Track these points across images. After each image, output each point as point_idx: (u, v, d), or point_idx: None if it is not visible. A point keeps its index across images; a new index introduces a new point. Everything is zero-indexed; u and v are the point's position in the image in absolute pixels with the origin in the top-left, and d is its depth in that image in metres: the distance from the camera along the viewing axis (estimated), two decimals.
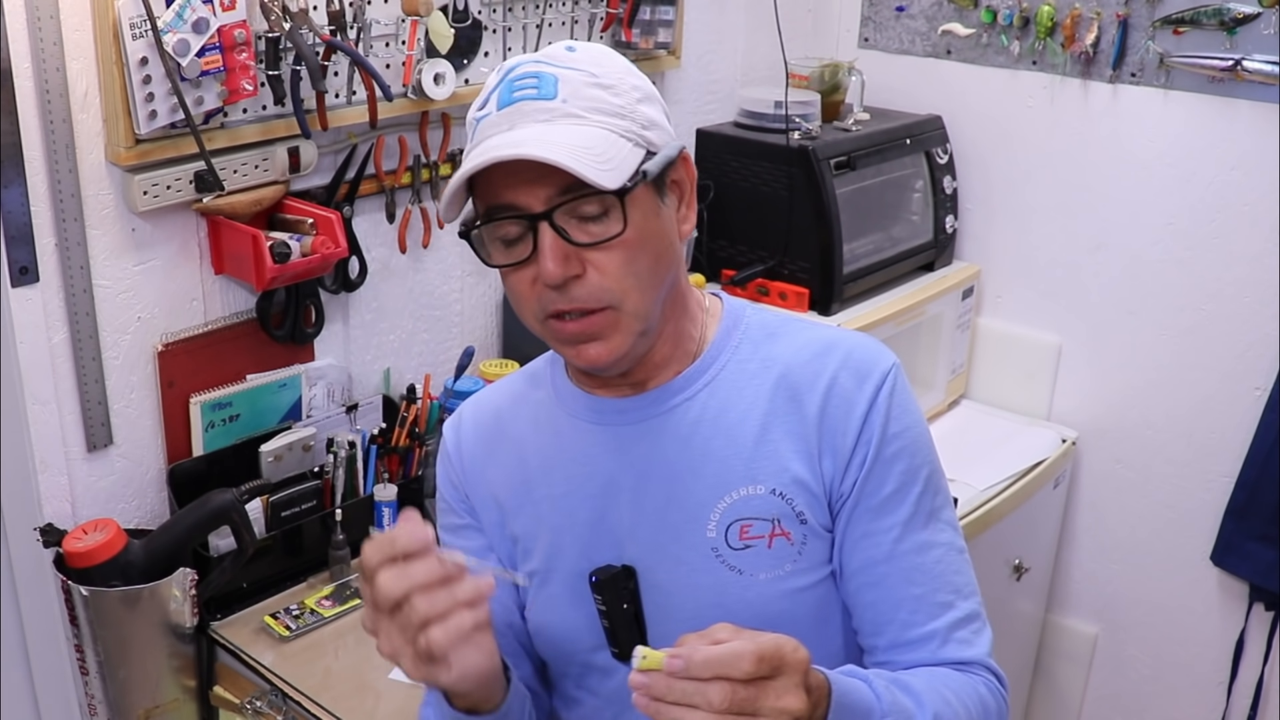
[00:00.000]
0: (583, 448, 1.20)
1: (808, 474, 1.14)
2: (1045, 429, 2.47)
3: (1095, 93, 2.33)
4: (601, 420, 1.19)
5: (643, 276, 1.08)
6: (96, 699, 1.65)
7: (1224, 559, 2.33)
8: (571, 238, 1.06)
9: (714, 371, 1.18)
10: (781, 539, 1.13)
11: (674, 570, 1.16)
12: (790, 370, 1.16)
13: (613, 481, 1.18)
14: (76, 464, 1.73)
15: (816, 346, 1.17)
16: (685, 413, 1.17)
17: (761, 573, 1.14)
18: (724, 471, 1.15)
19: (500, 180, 1.06)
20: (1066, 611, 2.62)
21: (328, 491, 1.87)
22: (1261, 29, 2.10)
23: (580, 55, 1.09)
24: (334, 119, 1.81)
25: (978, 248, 2.56)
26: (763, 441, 1.14)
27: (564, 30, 2.12)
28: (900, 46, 2.57)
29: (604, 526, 1.19)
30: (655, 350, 1.16)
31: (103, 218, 1.67)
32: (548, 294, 1.07)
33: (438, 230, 2.09)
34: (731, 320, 1.21)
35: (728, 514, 1.14)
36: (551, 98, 1.06)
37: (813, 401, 1.14)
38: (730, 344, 1.19)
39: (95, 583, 1.58)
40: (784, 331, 1.20)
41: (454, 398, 2.02)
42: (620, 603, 1.16)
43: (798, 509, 1.14)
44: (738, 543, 1.14)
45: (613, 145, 1.05)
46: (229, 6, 1.62)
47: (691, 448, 1.16)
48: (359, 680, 1.64)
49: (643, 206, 1.08)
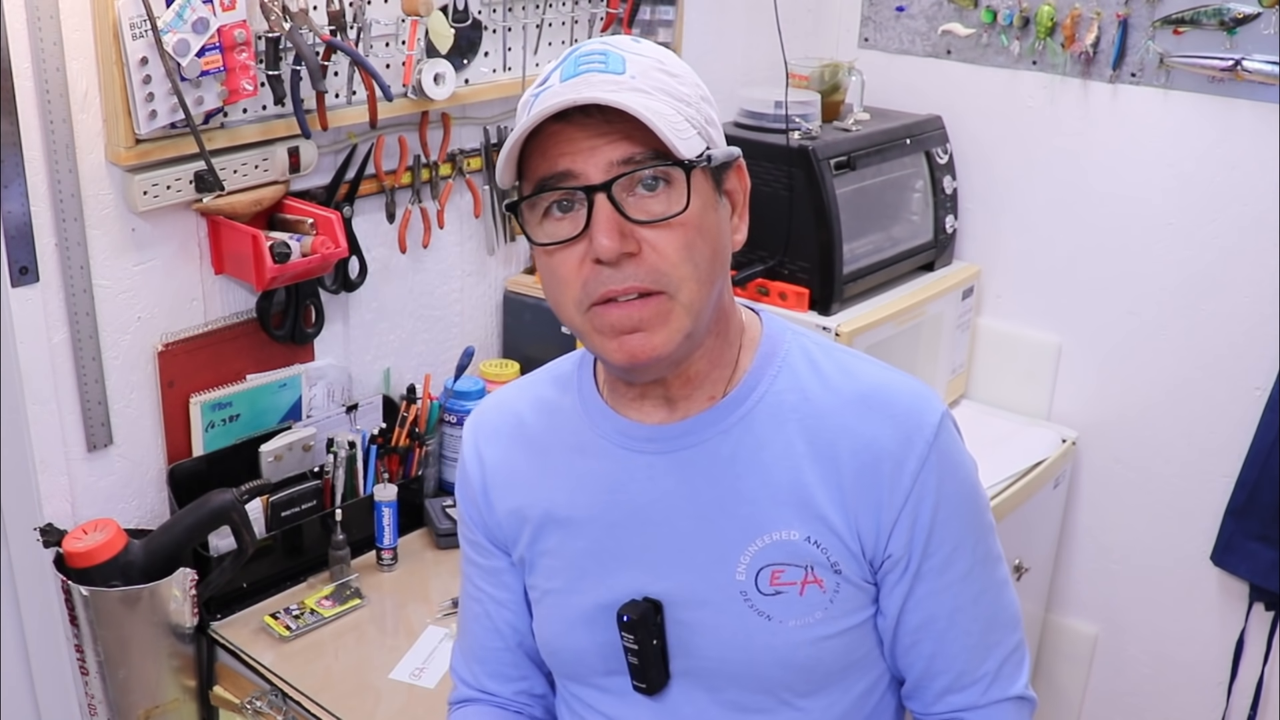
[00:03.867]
0: (609, 472, 1.14)
1: (842, 525, 1.09)
2: (1045, 429, 2.47)
3: (1095, 93, 2.33)
4: (631, 446, 1.14)
5: (700, 266, 1.02)
6: (96, 699, 1.65)
7: (1224, 559, 2.33)
8: (629, 213, 1.00)
9: (750, 404, 1.12)
10: (814, 586, 1.10)
11: (699, 610, 1.12)
12: (828, 415, 1.10)
13: (639, 510, 1.13)
14: (76, 464, 1.73)
15: (858, 392, 1.11)
16: (718, 447, 1.11)
17: (791, 620, 1.10)
18: (756, 513, 1.10)
19: (556, 147, 1.00)
20: (1066, 611, 2.62)
21: (328, 491, 1.87)
22: (1261, 29, 2.09)
23: (646, 45, 1.06)
24: (334, 119, 1.81)
25: (978, 248, 2.56)
26: (798, 485, 1.09)
27: (564, 30, 2.13)
28: (900, 46, 2.57)
29: (627, 556, 1.14)
30: (693, 363, 1.10)
31: (103, 218, 1.67)
32: (598, 274, 1.00)
33: (438, 230, 2.09)
34: (770, 346, 1.14)
35: (759, 558, 1.10)
36: (620, 72, 1.01)
37: (849, 456, 1.09)
38: (768, 373, 1.13)
39: (95, 583, 1.58)
40: (826, 363, 1.14)
41: (454, 398, 2.02)
42: (650, 639, 1.13)
43: (832, 559, 1.10)
44: (768, 588, 1.10)
45: (680, 123, 1.01)
46: (229, 6, 1.62)
47: (722, 485, 1.11)
48: (359, 680, 1.64)
49: (704, 195, 1.03)
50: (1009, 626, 1.17)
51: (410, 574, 1.89)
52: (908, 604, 1.12)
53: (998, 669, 1.15)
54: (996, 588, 1.16)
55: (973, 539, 1.13)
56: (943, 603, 1.12)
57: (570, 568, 1.17)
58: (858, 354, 1.18)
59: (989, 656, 1.15)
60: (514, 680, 1.27)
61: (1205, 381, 2.31)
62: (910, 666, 1.16)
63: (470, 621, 1.28)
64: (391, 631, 1.77)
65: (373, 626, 1.76)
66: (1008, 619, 1.17)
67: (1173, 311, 2.32)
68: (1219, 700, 2.42)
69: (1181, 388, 2.34)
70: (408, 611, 1.82)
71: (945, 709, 1.16)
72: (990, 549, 1.16)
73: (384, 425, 1.95)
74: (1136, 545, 2.48)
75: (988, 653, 1.15)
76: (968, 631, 1.14)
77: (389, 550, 1.89)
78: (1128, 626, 2.53)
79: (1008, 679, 1.16)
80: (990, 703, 1.15)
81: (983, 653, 1.15)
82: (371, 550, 1.89)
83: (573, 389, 1.20)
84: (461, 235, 2.14)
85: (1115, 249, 2.37)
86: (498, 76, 2.05)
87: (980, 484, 1.17)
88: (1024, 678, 1.18)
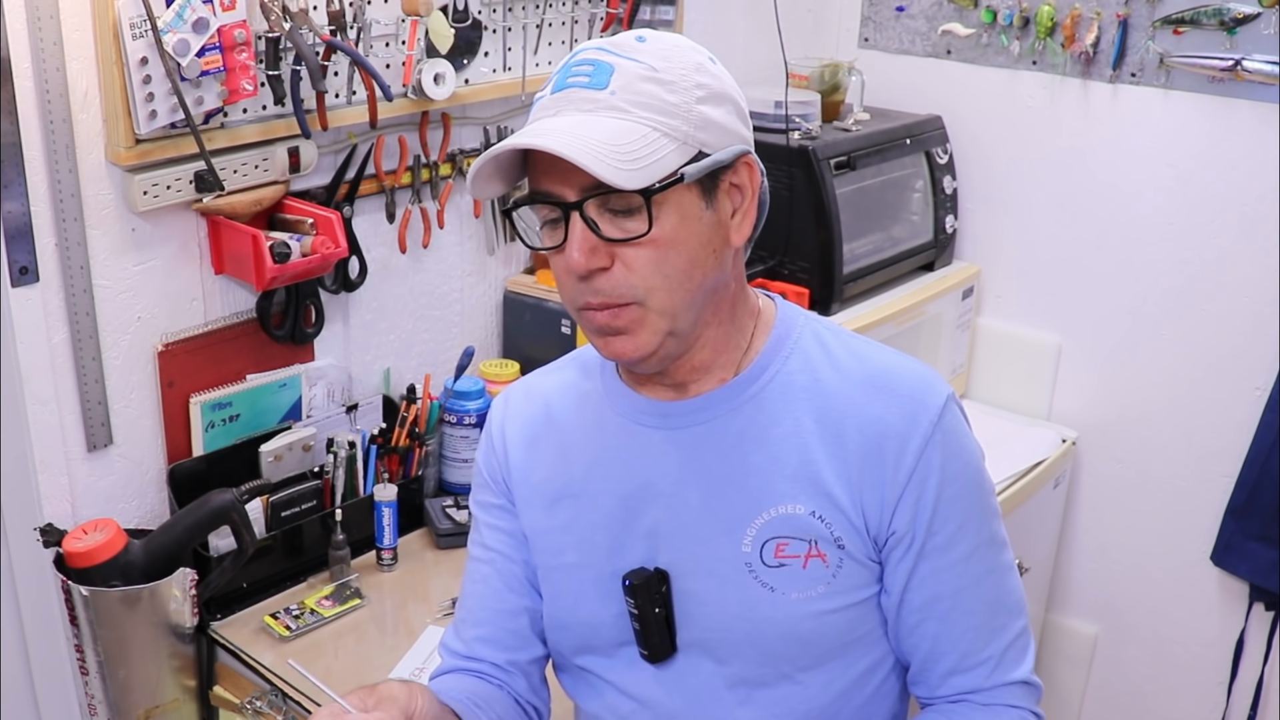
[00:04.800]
0: (625, 446, 1.19)
1: (847, 502, 1.12)
2: (1045, 429, 2.47)
3: (1095, 93, 2.33)
4: (645, 421, 1.18)
5: (672, 277, 1.06)
6: (96, 699, 1.65)
7: (1224, 559, 2.33)
8: (601, 231, 1.05)
9: (761, 383, 1.15)
10: (817, 560, 1.13)
11: (705, 580, 1.16)
12: (837, 395, 1.14)
13: (650, 484, 1.17)
14: (76, 464, 1.73)
15: (866, 374, 1.15)
16: (729, 423, 1.15)
17: (794, 592, 1.13)
18: (763, 487, 1.13)
19: (540, 165, 1.06)
20: (1066, 611, 2.62)
21: (328, 491, 1.87)
22: (1261, 29, 2.10)
23: (648, 47, 1.07)
24: (334, 119, 1.81)
25: (978, 248, 2.56)
26: (805, 462, 1.13)
27: (564, 30, 2.13)
28: (900, 46, 2.57)
29: (638, 528, 1.18)
30: (693, 354, 1.14)
31: (103, 218, 1.67)
32: (577, 284, 1.08)
33: (438, 230, 2.09)
34: (784, 329, 1.18)
35: (764, 530, 1.13)
36: (601, 88, 1.05)
37: (856, 434, 1.12)
38: (780, 354, 1.16)
39: (95, 583, 1.58)
40: (837, 346, 1.17)
41: (454, 398, 2.02)
42: (652, 606, 1.16)
43: (835, 534, 1.12)
44: (772, 560, 1.13)
45: (650, 144, 1.03)
46: (229, 6, 1.62)
47: (731, 460, 1.14)
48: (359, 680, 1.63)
49: (680, 208, 1.06)
50: (1013, 612, 1.18)
51: (410, 574, 1.89)
52: (911, 581, 1.14)
53: (1002, 653, 1.16)
54: (1001, 571, 1.17)
55: (977, 521, 1.15)
56: (946, 581, 1.14)
57: (583, 541, 1.21)
58: (868, 340, 1.20)
59: (993, 640, 1.16)
60: (510, 649, 1.28)
61: (1205, 381, 2.31)
62: (915, 648, 1.17)
63: (475, 585, 1.30)
64: (391, 631, 1.77)
65: (373, 626, 1.76)
66: (1012, 604, 1.18)
67: (1173, 311, 2.32)
68: (1219, 700, 2.42)
69: (1181, 388, 2.34)
70: (408, 611, 1.82)
71: (950, 691, 1.17)
72: (995, 533, 1.17)
73: (384, 425, 1.95)
74: (1136, 545, 2.48)
75: (992, 635, 1.16)
76: (971, 612, 1.15)
77: (389, 550, 1.89)
78: (1128, 626, 2.53)
79: (1012, 663, 1.17)
80: (995, 685, 1.16)
81: (987, 635, 1.16)
82: (371, 550, 1.89)
83: (596, 374, 1.24)
84: (461, 235, 2.15)
85: (1115, 249, 2.37)
86: (498, 76, 2.05)
87: (985, 470, 1.18)
88: (1029, 663, 1.18)
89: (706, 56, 1.10)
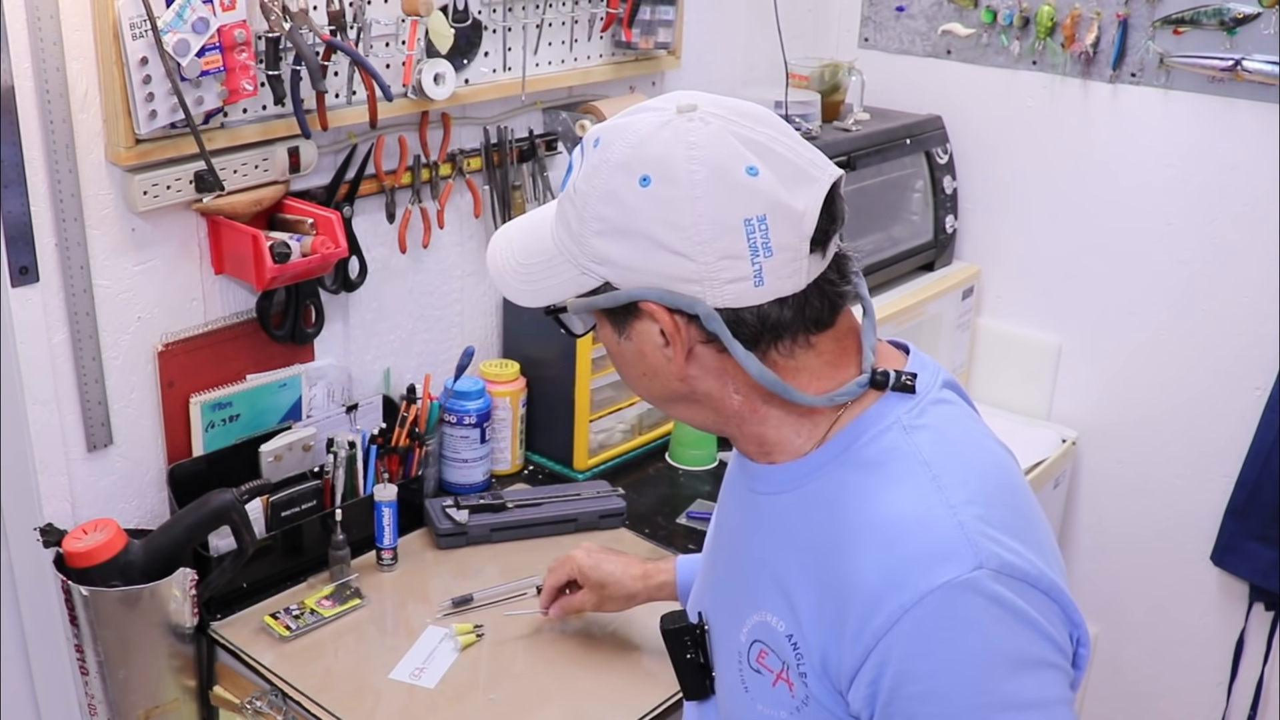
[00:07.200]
0: (721, 491, 1.25)
1: (814, 642, 1.00)
2: (1045, 429, 2.47)
3: (1095, 93, 2.33)
4: (730, 473, 1.21)
5: (631, 380, 1.08)
6: (96, 699, 1.65)
7: (1224, 559, 2.33)
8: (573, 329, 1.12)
9: (818, 479, 1.03)
10: (784, 685, 1.03)
11: (718, 643, 1.19)
12: (843, 524, 0.99)
13: (719, 535, 1.22)
14: (76, 464, 1.73)
15: (882, 515, 0.96)
16: (770, 505, 1.08)
17: (760, 703, 1.07)
18: (769, 586, 1.05)
19: None
20: None
21: (328, 491, 1.87)
22: (1261, 29, 2.10)
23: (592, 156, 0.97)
24: (334, 119, 1.81)
25: (978, 248, 2.56)
26: (795, 581, 1.02)
27: (564, 30, 2.12)
28: (900, 46, 2.57)
29: (705, 570, 1.25)
30: (737, 441, 1.10)
31: (103, 218, 1.67)
32: None
33: (438, 230, 2.09)
34: (857, 430, 1.02)
35: (755, 630, 1.07)
36: (563, 185, 1.02)
37: (834, 577, 0.97)
38: (840, 453, 1.02)
39: (95, 583, 1.58)
40: (896, 469, 0.99)
41: (454, 398, 2.02)
42: (684, 653, 1.19)
43: (803, 669, 1.01)
44: (754, 663, 1.08)
45: (552, 263, 1.01)
46: (229, 6, 1.62)
47: (756, 542, 1.10)
48: (359, 680, 1.64)
49: (605, 328, 1.05)
50: None
51: (410, 574, 1.89)
52: None
53: None
54: None
55: None
56: None
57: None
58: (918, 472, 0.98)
59: None
60: None
61: (1205, 381, 2.31)
62: None
63: None
64: (391, 631, 1.77)
65: (373, 626, 1.76)
66: None
67: (1173, 311, 2.32)
68: (1219, 700, 2.42)
69: (1181, 388, 2.34)
70: (408, 611, 1.82)
71: None
72: None
73: (384, 425, 1.95)
74: (1136, 545, 2.48)
75: None
76: None
77: (389, 550, 1.89)
78: (1128, 626, 2.53)
79: None
80: None
81: None
82: (371, 550, 1.89)
83: None
84: (461, 235, 2.15)
85: (1115, 249, 2.37)
86: (498, 76, 2.05)
87: (998, 683, 0.91)
88: None
89: (639, 178, 0.93)
